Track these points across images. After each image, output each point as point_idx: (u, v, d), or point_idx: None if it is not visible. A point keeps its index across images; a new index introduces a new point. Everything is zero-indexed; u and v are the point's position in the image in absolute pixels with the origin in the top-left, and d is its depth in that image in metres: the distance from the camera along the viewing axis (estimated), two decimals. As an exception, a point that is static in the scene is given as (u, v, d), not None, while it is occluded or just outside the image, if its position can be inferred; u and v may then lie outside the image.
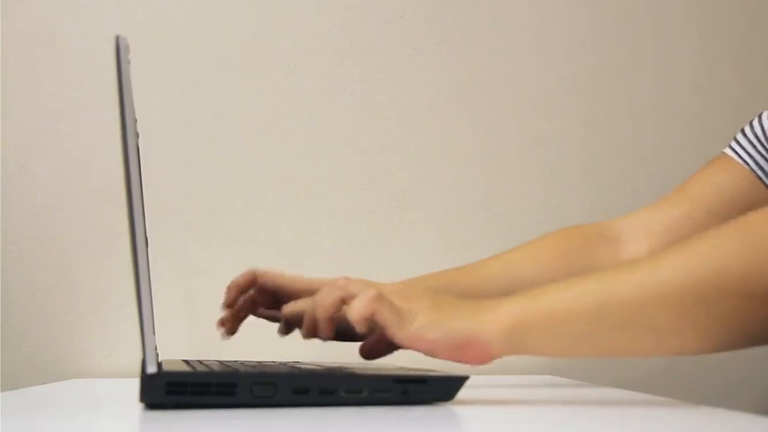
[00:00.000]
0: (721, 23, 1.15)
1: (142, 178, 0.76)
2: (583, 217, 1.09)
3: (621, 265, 0.55)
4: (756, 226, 0.52)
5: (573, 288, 0.55)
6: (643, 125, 1.12)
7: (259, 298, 0.76)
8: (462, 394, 0.64)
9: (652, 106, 1.13)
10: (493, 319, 0.56)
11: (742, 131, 0.80)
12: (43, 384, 0.85)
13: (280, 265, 1.03)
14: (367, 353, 0.68)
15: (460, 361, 0.57)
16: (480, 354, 0.56)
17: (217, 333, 0.77)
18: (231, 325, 0.75)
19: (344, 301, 0.59)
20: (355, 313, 0.56)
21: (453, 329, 0.56)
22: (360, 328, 0.56)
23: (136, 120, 0.52)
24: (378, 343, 0.66)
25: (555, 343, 0.55)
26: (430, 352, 0.57)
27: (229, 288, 0.76)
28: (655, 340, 0.54)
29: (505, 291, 0.62)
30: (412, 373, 0.58)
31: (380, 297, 0.56)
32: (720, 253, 0.52)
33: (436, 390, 0.56)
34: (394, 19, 1.08)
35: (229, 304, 0.76)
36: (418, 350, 0.57)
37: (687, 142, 1.13)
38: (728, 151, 0.80)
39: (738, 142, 0.80)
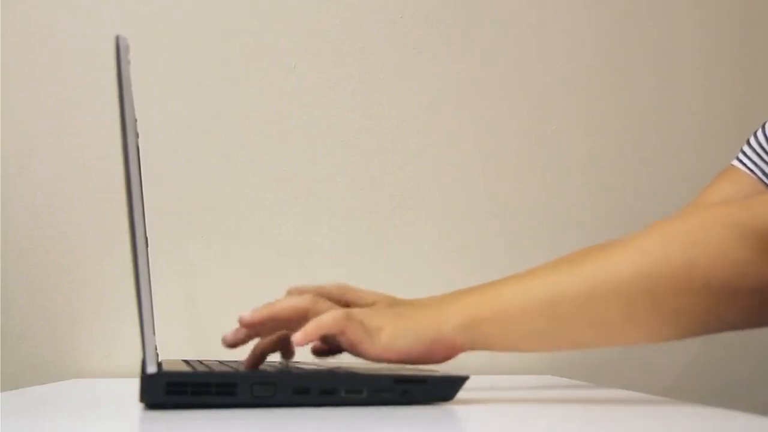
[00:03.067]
0: (721, 23, 1.15)
1: (142, 178, 0.76)
2: (583, 216, 1.09)
3: (572, 260, 0.57)
4: (699, 222, 0.54)
5: (524, 284, 0.58)
6: (643, 125, 1.12)
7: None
8: (462, 394, 0.64)
9: (652, 106, 1.13)
10: (450, 315, 0.58)
11: (748, 142, 0.81)
12: (43, 384, 0.85)
13: (280, 265, 1.03)
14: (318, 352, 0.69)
15: (430, 362, 0.59)
16: (446, 350, 0.59)
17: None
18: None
19: (306, 312, 0.61)
20: (324, 325, 0.57)
21: (418, 333, 0.58)
22: (314, 339, 0.57)
23: (136, 120, 0.52)
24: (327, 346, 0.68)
25: (509, 338, 0.57)
26: (403, 360, 0.59)
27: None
28: (605, 332, 0.56)
29: None
30: (412, 373, 0.58)
31: (350, 316, 0.58)
32: (665, 249, 0.54)
33: (436, 390, 0.56)
34: (394, 19, 1.08)
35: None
36: (392, 361, 0.59)
37: (687, 142, 1.13)
38: (735, 162, 0.81)
39: (744, 153, 0.80)
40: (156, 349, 0.51)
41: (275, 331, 0.65)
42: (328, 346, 0.66)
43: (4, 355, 0.97)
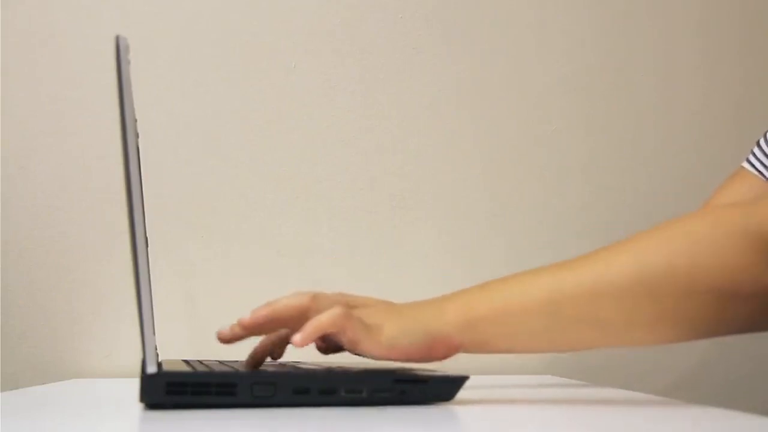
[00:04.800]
0: (721, 23, 1.15)
1: (142, 178, 0.76)
2: (583, 216, 1.09)
3: (574, 261, 0.57)
4: (703, 225, 0.54)
5: (524, 283, 0.57)
6: (643, 125, 1.12)
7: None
8: (462, 394, 0.64)
9: (652, 106, 1.13)
10: (449, 313, 0.58)
11: (758, 143, 0.81)
12: (43, 384, 0.85)
13: (280, 265, 1.03)
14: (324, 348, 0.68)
15: (430, 360, 0.59)
16: (446, 348, 0.59)
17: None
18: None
19: (307, 310, 0.61)
20: (323, 325, 0.56)
21: (418, 331, 0.58)
22: (313, 340, 0.56)
23: (136, 120, 0.52)
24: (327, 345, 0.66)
25: (507, 337, 0.57)
26: (404, 358, 0.58)
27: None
28: (606, 333, 0.56)
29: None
30: (412, 373, 0.58)
31: (349, 314, 0.57)
32: (668, 251, 0.54)
33: (436, 390, 0.56)
34: (394, 19, 1.08)
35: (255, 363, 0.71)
36: (392, 359, 0.58)
37: (687, 142, 1.13)
38: (745, 164, 0.81)
39: (754, 155, 0.81)
40: (156, 349, 0.51)
41: (275, 330, 0.65)
42: (327, 344, 0.65)
43: (4, 355, 0.97)
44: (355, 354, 0.59)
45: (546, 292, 0.56)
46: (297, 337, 0.55)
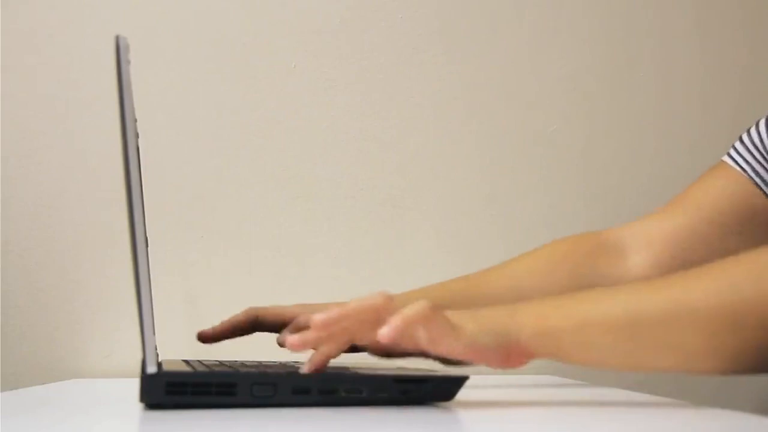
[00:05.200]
0: (722, 24, 1.15)
1: (142, 178, 0.76)
2: (582, 217, 1.09)
3: (654, 282, 0.55)
4: None
5: (603, 300, 0.55)
6: (643, 125, 1.12)
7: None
8: (462, 394, 0.64)
9: (652, 106, 1.13)
10: (526, 322, 0.56)
11: (740, 139, 0.80)
12: (43, 384, 0.85)
13: (280, 265, 1.03)
14: (383, 351, 0.66)
15: (504, 367, 0.57)
16: (521, 356, 0.57)
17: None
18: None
19: (379, 311, 0.57)
20: (410, 317, 0.54)
21: (499, 335, 0.56)
22: (401, 334, 0.53)
23: (136, 120, 0.52)
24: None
25: (586, 350, 0.55)
26: (483, 360, 0.56)
27: (224, 323, 0.79)
28: (681, 359, 0.53)
29: (510, 302, 0.61)
30: (412, 373, 0.58)
31: (436, 309, 0.55)
32: (756, 281, 0.51)
33: (436, 390, 0.56)
34: (394, 19, 1.08)
35: (214, 338, 0.79)
36: (471, 359, 0.56)
37: (687, 142, 1.13)
38: (726, 158, 0.80)
39: (736, 150, 0.79)
40: (156, 349, 0.51)
41: (345, 334, 0.59)
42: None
43: (4, 355, 0.97)
44: (431, 351, 0.56)
45: (623, 311, 0.54)
46: (384, 331, 0.52)
